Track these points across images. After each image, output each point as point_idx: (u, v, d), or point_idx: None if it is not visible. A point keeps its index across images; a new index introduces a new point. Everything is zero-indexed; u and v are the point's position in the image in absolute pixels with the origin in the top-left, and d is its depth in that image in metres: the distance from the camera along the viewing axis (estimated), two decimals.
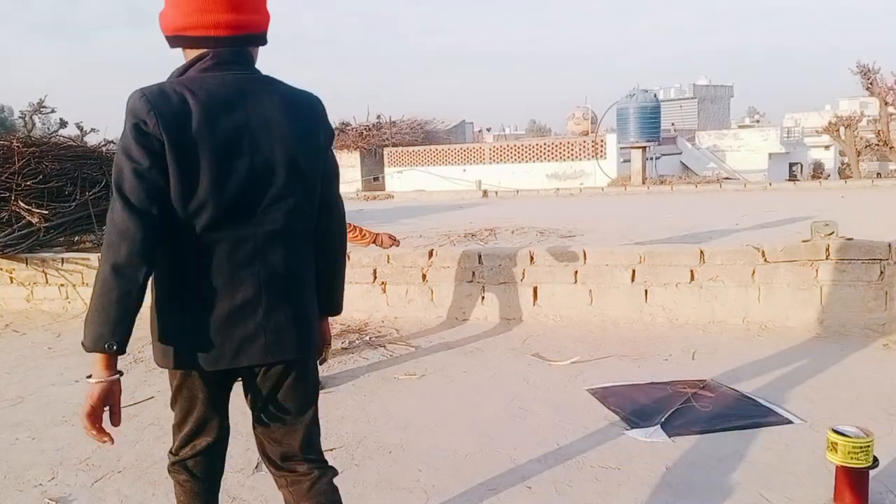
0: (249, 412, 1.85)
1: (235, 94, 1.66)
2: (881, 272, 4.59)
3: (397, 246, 4.99)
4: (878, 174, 26.75)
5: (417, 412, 3.49)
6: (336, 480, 1.89)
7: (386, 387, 3.90)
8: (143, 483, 2.83)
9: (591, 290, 5.08)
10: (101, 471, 2.96)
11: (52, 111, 17.09)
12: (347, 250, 2.12)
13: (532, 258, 5.20)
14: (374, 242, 4.84)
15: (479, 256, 5.30)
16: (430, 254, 5.39)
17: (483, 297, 5.27)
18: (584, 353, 4.35)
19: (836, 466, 2.38)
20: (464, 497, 2.63)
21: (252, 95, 1.68)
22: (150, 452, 3.12)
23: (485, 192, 16.07)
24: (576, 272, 5.11)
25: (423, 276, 5.38)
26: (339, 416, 3.47)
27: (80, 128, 13.89)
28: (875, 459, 2.34)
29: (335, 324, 5.30)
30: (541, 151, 22.40)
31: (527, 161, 22.51)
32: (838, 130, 23.98)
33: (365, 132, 25.66)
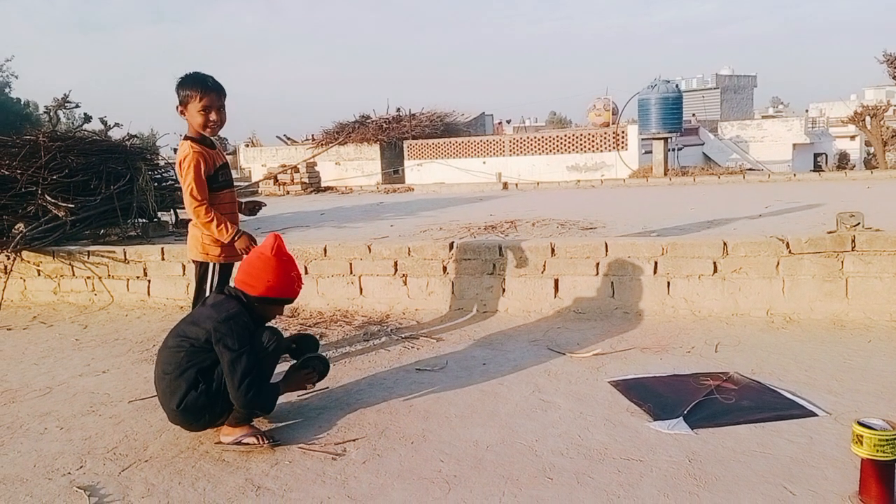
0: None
1: None
2: None
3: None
4: None
5: (439, 403, 3.51)
6: (359, 469, 2.10)
7: (407, 378, 3.92)
8: (169, 472, 2.87)
9: (612, 283, 5.06)
10: (128, 460, 3.01)
11: (77, 106, 17.27)
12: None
13: (553, 250, 5.19)
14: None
15: (500, 248, 5.30)
16: (451, 246, 5.40)
17: (504, 290, 5.27)
18: (606, 346, 4.33)
19: (862, 459, 2.36)
20: (485, 487, 2.64)
21: None
22: (175, 442, 3.16)
23: (505, 185, 16.04)
24: (597, 264, 5.09)
25: (444, 269, 5.39)
26: (362, 407, 3.49)
27: (104, 122, 14.07)
28: None
29: (357, 315, 5.33)
30: (561, 143, 22.30)
31: (547, 153, 22.42)
32: (864, 120, 23.62)
33: (385, 125, 25.68)
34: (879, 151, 23.57)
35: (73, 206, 6.74)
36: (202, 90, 3.60)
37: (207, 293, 3.74)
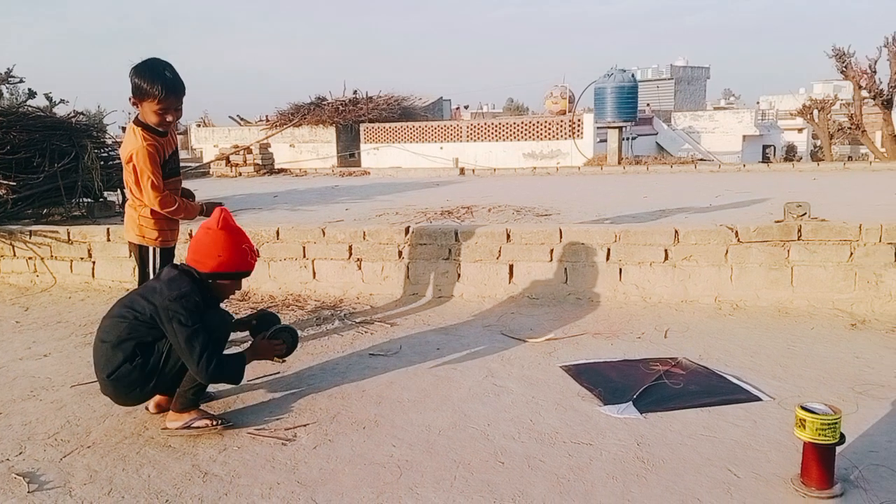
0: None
1: None
2: (851, 253, 4.66)
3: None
4: (850, 157, 27.14)
5: (392, 388, 3.49)
6: (309, 455, 2.39)
7: (360, 363, 3.89)
8: (112, 458, 2.80)
9: (566, 269, 5.10)
10: (69, 446, 2.92)
11: (21, 81, 16.63)
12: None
13: (508, 236, 5.20)
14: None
15: (456, 234, 5.29)
16: (407, 231, 5.37)
17: (459, 275, 5.27)
18: (559, 331, 4.37)
19: (804, 442, 2.42)
20: (437, 472, 2.63)
21: None
22: (119, 427, 3.09)
23: (462, 170, 16.03)
24: (552, 250, 5.12)
25: (399, 254, 5.36)
26: (313, 392, 3.46)
27: (49, 98, 13.59)
28: (842, 436, 2.38)
29: (310, 299, 5.27)
30: (518, 130, 22.37)
31: (504, 139, 22.48)
32: (812, 113, 24.25)
33: (341, 107, 25.40)
34: (826, 144, 24.24)
35: (14, 183, 6.50)
36: (162, 93, 3.38)
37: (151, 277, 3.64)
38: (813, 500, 2.37)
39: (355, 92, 26.64)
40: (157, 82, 3.38)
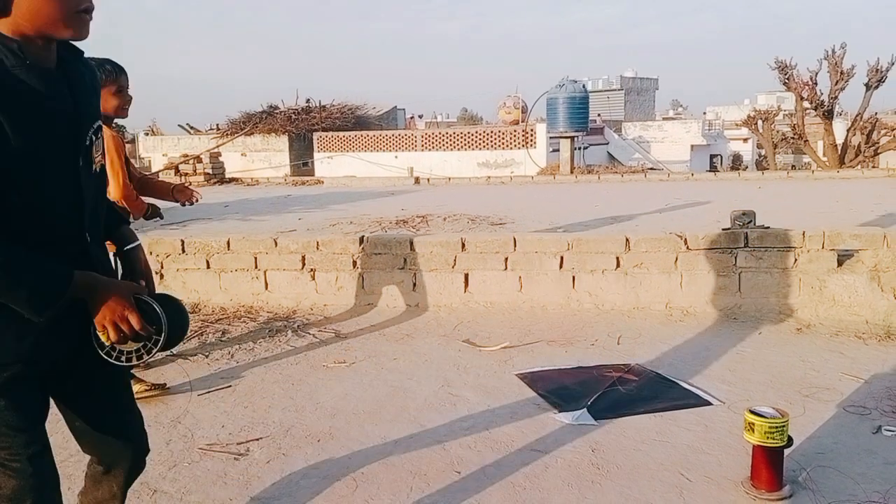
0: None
1: None
2: (795, 259, 4.79)
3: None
4: (793, 166, 28.00)
5: (347, 400, 3.45)
6: (263, 470, 2.16)
7: (314, 375, 3.84)
8: None
9: (520, 277, 5.13)
10: None
11: None
12: None
13: (463, 245, 5.21)
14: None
15: (411, 243, 5.27)
16: (361, 240, 5.34)
17: (414, 284, 5.25)
18: (514, 339, 4.39)
19: (753, 446, 2.47)
20: (393, 484, 2.61)
21: None
22: (64, 445, 2.97)
23: (417, 179, 16.05)
24: (506, 259, 5.15)
25: (354, 263, 5.32)
26: (266, 405, 3.40)
27: None
28: (790, 439, 2.43)
29: (262, 311, 5.20)
30: (472, 139, 22.49)
31: (458, 149, 22.56)
32: (756, 124, 24.94)
33: (294, 116, 25.15)
34: (770, 153, 24.96)
35: None
36: (114, 72, 3.41)
37: None
38: (763, 502, 2.42)
39: (308, 100, 26.41)
40: (103, 67, 3.37)
